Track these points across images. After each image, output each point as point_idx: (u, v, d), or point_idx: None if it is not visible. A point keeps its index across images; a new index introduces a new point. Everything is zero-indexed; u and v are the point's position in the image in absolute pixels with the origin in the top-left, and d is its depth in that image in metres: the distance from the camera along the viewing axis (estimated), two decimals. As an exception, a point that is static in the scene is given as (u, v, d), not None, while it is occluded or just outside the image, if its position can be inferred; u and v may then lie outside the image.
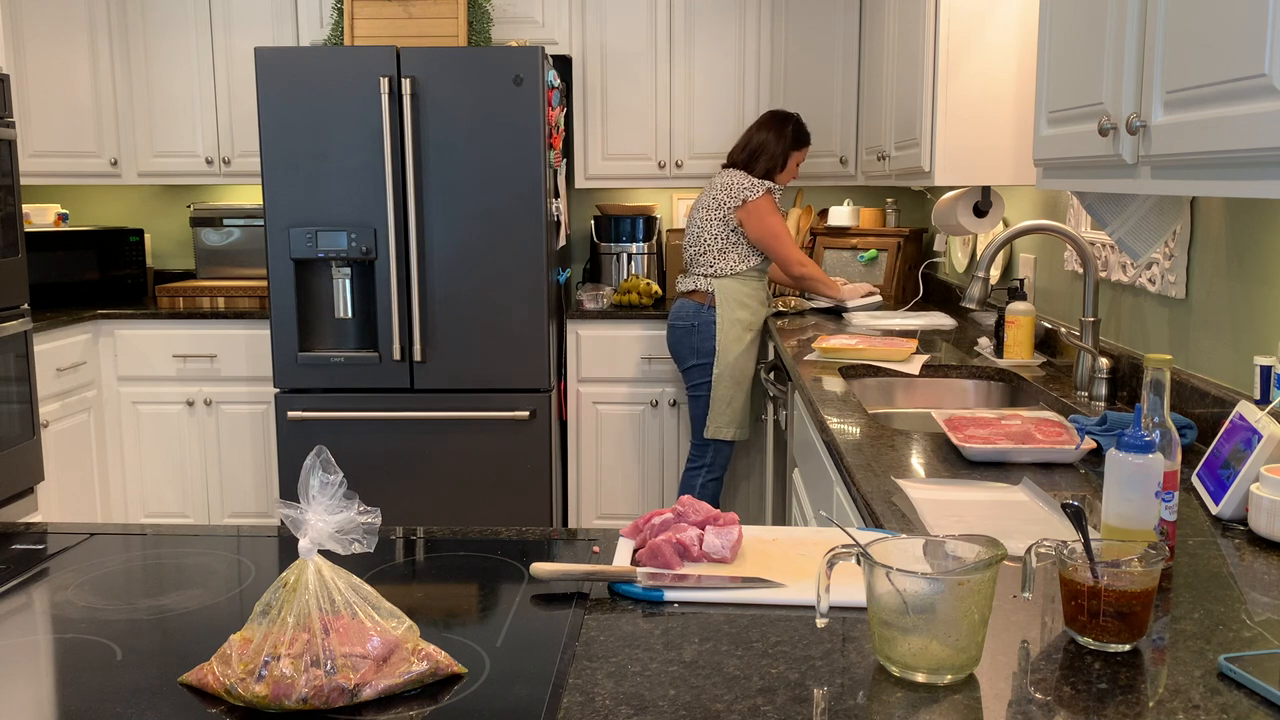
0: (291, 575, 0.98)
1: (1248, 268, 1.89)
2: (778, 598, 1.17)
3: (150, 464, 4.19)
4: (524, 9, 4.19)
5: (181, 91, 4.30)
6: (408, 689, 0.96)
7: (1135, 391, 2.24)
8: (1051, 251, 2.97)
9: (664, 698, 0.95)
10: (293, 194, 3.65)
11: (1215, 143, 1.28)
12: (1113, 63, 1.61)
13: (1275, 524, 1.38)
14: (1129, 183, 1.60)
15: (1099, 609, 1.04)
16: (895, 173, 3.43)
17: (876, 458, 1.84)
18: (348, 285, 3.73)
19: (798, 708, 0.93)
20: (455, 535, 1.43)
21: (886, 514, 1.53)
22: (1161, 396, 1.25)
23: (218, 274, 4.49)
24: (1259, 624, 1.13)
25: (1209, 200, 2.04)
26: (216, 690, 0.95)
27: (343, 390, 3.76)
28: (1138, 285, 2.33)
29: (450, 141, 3.61)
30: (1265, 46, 1.17)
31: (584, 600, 1.18)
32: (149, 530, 1.49)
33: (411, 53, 3.59)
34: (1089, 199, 2.10)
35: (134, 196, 4.78)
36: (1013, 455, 1.78)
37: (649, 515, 1.36)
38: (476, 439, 3.75)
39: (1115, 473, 1.20)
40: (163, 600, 1.20)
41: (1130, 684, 0.98)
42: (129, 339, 4.14)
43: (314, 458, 0.98)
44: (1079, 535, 1.09)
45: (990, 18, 2.86)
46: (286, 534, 1.43)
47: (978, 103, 2.88)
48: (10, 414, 3.52)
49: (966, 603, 0.97)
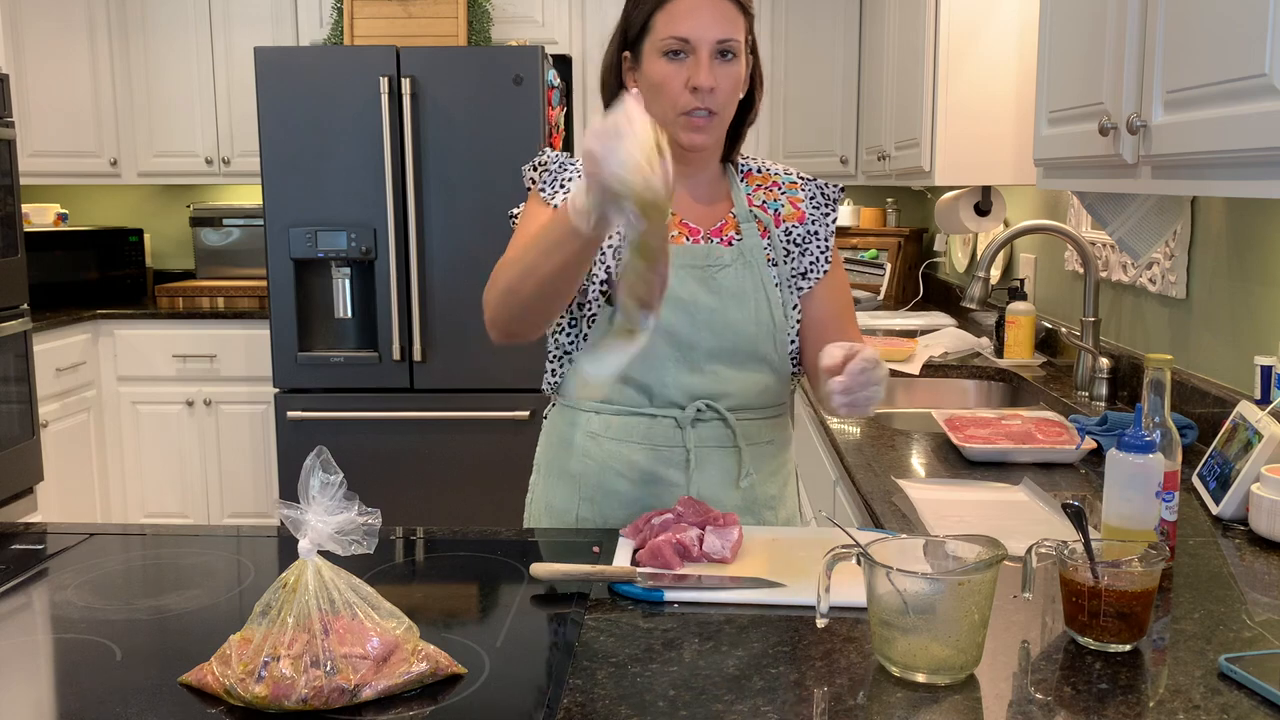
0: (291, 575, 0.98)
1: (1248, 267, 1.89)
2: (778, 598, 1.17)
3: (150, 464, 4.19)
4: (524, 9, 4.19)
5: (181, 91, 4.30)
6: (407, 689, 0.96)
7: (1135, 391, 2.24)
8: (1052, 251, 2.97)
9: (664, 698, 0.95)
10: (292, 194, 3.65)
11: (1215, 143, 1.28)
12: (1113, 62, 1.61)
13: (1275, 524, 1.38)
14: (1129, 183, 1.60)
15: (1099, 609, 1.04)
16: (895, 173, 3.43)
17: (876, 458, 1.84)
18: (347, 285, 3.73)
19: (798, 708, 0.93)
20: (455, 535, 1.43)
21: (886, 514, 1.53)
22: (1162, 396, 1.25)
23: (217, 274, 4.49)
24: (1259, 624, 1.13)
25: (1209, 200, 2.04)
26: (216, 690, 0.95)
27: (342, 390, 3.75)
28: (1138, 285, 2.33)
29: (450, 141, 3.61)
30: (1265, 46, 1.17)
31: (584, 600, 1.18)
32: (148, 530, 1.49)
33: (411, 52, 3.59)
34: (1089, 199, 2.10)
35: (134, 196, 4.78)
36: (1013, 455, 1.78)
37: (649, 515, 1.36)
38: (476, 439, 3.74)
39: (1116, 473, 1.20)
40: (162, 600, 1.20)
41: (1130, 684, 0.98)
42: (129, 339, 4.14)
43: (314, 458, 0.97)
44: (1079, 535, 1.09)
45: (990, 18, 2.86)
46: (286, 534, 1.42)
47: (978, 103, 2.88)
48: (10, 414, 3.52)
49: (967, 603, 0.97)
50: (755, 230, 1.56)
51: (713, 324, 1.49)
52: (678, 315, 1.47)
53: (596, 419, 1.53)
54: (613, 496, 1.52)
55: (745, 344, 1.51)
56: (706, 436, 1.52)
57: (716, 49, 1.44)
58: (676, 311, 1.47)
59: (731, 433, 1.53)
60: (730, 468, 1.54)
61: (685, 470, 1.51)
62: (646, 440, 1.51)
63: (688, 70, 1.44)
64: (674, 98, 1.44)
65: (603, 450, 1.52)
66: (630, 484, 1.52)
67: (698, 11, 1.43)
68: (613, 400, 1.52)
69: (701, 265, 1.51)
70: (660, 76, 1.44)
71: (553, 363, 1.59)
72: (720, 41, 1.44)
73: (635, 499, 1.51)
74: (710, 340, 1.50)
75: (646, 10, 1.46)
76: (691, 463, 1.51)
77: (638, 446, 1.51)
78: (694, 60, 1.43)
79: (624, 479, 1.52)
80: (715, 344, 1.50)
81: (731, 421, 1.52)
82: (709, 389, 1.51)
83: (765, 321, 1.52)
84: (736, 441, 1.53)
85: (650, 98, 1.45)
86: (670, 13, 1.44)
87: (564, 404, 1.58)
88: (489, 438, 3.74)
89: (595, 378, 1.29)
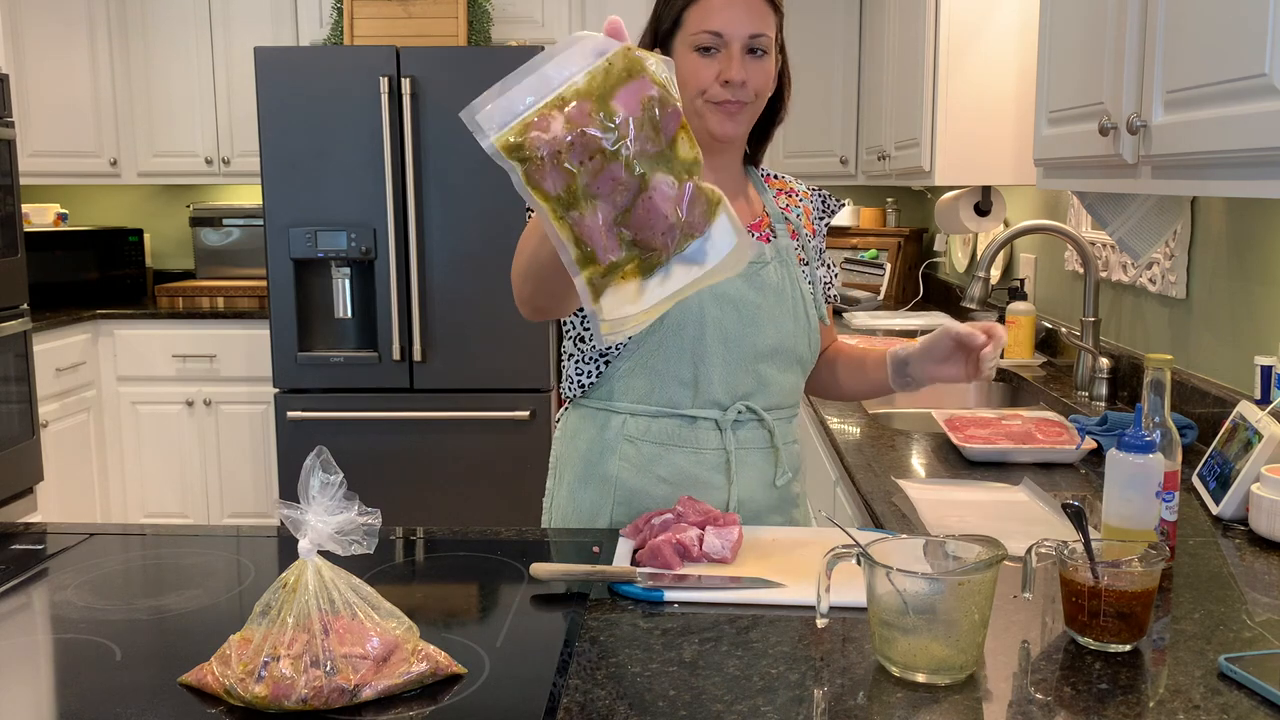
0: (291, 576, 0.98)
1: (1248, 268, 1.89)
2: (778, 598, 1.17)
3: (150, 464, 4.19)
4: (524, 9, 4.19)
5: (181, 91, 4.30)
6: (407, 689, 0.96)
7: (1135, 391, 2.24)
8: (1052, 251, 2.97)
9: (664, 698, 0.95)
10: (292, 194, 3.65)
11: (1216, 143, 1.28)
12: (1113, 62, 1.61)
13: (1275, 524, 1.38)
14: (1129, 183, 1.60)
15: (1099, 609, 1.04)
16: (895, 172, 3.43)
17: (877, 458, 1.84)
18: (347, 285, 3.73)
19: (798, 708, 0.93)
20: (455, 535, 1.43)
21: (887, 514, 1.53)
22: (1162, 396, 1.25)
23: (217, 274, 4.49)
24: (1259, 624, 1.13)
25: (1209, 200, 2.04)
26: (216, 690, 0.95)
27: (342, 390, 3.75)
28: (1138, 285, 2.33)
29: (450, 141, 3.61)
30: (1265, 46, 1.17)
31: (584, 600, 1.18)
32: (148, 530, 1.49)
33: (411, 52, 3.59)
34: (1089, 199, 2.10)
35: (133, 196, 4.78)
36: (1013, 455, 1.78)
37: (649, 515, 1.36)
38: (476, 439, 3.74)
39: (1116, 473, 1.20)
40: (162, 600, 1.20)
41: (1130, 684, 0.98)
42: (128, 339, 4.14)
43: (314, 458, 0.97)
44: (1079, 535, 1.08)
45: (990, 18, 2.86)
46: (286, 534, 1.42)
47: (978, 103, 2.88)
48: (10, 414, 3.52)
49: (967, 603, 0.97)
50: (786, 231, 1.57)
51: (758, 321, 1.50)
52: (725, 311, 1.48)
53: (633, 421, 1.51)
54: (649, 499, 1.51)
55: (788, 341, 1.53)
56: (745, 439, 1.53)
57: (748, 44, 1.45)
58: (724, 307, 1.47)
59: (769, 434, 1.54)
60: (766, 469, 1.55)
61: (724, 472, 1.52)
62: (688, 444, 1.51)
63: (719, 65, 1.44)
64: (708, 91, 1.45)
65: (642, 454, 1.51)
66: (671, 487, 1.51)
67: (730, 7, 1.44)
68: (651, 401, 1.50)
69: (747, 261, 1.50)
70: (692, 70, 1.45)
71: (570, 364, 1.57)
72: (752, 37, 1.44)
73: (672, 501, 1.50)
74: (756, 337, 1.50)
75: (679, 5, 1.46)
76: (732, 464, 1.51)
77: (678, 450, 1.51)
78: (725, 55, 1.44)
79: (665, 483, 1.51)
80: (761, 341, 1.50)
81: (769, 423, 1.53)
82: (750, 388, 1.51)
83: (802, 320, 1.54)
84: (774, 442, 1.55)
85: (684, 91, 1.44)
86: (703, 8, 1.45)
87: (594, 407, 1.55)
88: (489, 438, 3.74)
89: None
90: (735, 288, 1.48)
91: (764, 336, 1.50)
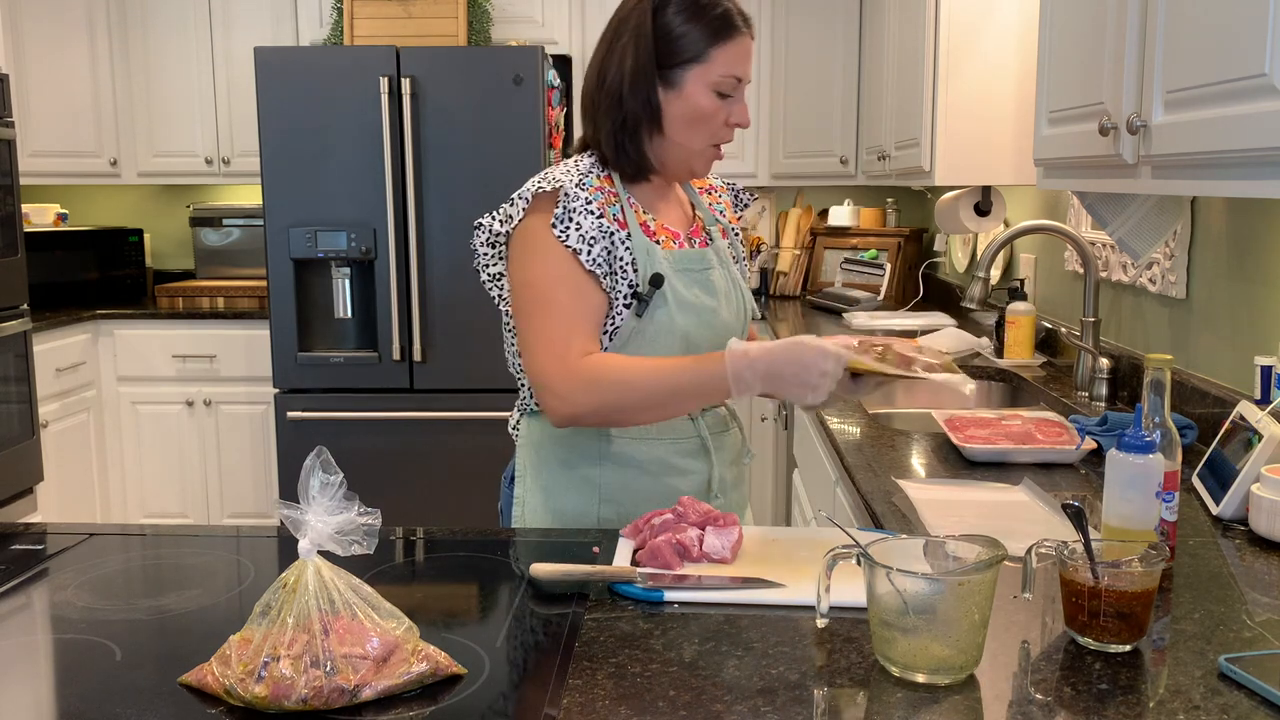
0: (291, 576, 0.98)
1: (1248, 268, 1.89)
2: (778, 598, 1.17)
3: (150, 464, 4.19)
4: (524, 9, 4.19)
5: (181, 91, 4.30)
6: (407, 689, 0.96)
7: (1135, 391, 2.24)
8: (1052, 251, 2.97)
9: (664, 698, 0.95)
10: (292, 194, 3.65)
11: (1215, 143, 1.28)
12: (1113, 62, 1.61)
13: (1275, 524, 1.38)
14: (1129, 183, 1.60)
15: (1099, 609, 1.04)
16: (895, 172, 3.43)
17: (877, 458, 1.84)
18: (347, 285, 3.73)
19: (798, 708, 0.93)
20: (455, 535, 1.43)
21: (886, 514, 1.53)
22: (1162, 396, 1.25)
23: (217, 274, 4.49)
24: (1259, 624, 1.13)
25: (1209, 200, 2.04)
26: (216, 691, 0.95)
27: (342, 390, 3.75)
28: (1138, 285, 2.33)
29: (450, 141, 3.61)
30: (1265, 46, 1.17)
31: (584, 600, 1.18)
32: (148, 530, 1.49)
33: (411, 52, 3.59)
34: (1089, 199, 2.10)
35: (133, 196, 4.78)
36: (1013, 455, 1.78)
37: (649, 515, 1.36)
38: (477, 439, 3.74)
39: (1116, 473, 1.20)
40: (162, 600, 1.20)
41: (1130, 684, 0.98)
42: (128, 339, 4.14)
43: (314, 458, 0.97)
44: (1079, 535, 1.08)
45: (990, 18, 2.86)
46: (286, 534, 1.42)
47: (978, 103, 2.88)
48: (10, 414, 3.52)
49: (966, 603, 0.97)
50: (718, 232, 1.66)
51: (714, 324, 1.58)
52: (687, 318, 1.54)
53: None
54: (634, 493, 1.56)
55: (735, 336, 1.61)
56: (712, 424, 1.63)
57: None
58: (688, 314, 1.54)
59: (730, 413, 1.68)
60: (732, 448, 1.67)
61: (702, 458, 1.60)
62: (665, 435, 1.57)
63: (729, 108, 1.52)
64: (715, 131, 1.53)
65: (623, 451, 1.57)
66: (652, 478, 1.57)
67: (750, 53, 1.53)
68: None
69: (698, 269, 1.59)
70: (710, 110, 1.50)
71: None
72: None
73: (656, 491, 1.56)
74: (712, 338, 1.57)
75: (704, 39, 1.49)
76: (711, 449, 1.60)
77: (657, 441, 1.57)
78: (736, 99, 1.52)
79: (647, 474, 1.57)
80: (717, 342, 1.55)
81: (730, 405, 1.68)
82: None
83: (742, 315, 1.65)
84: (733, 424, 1.68)
85: (688, 125, 1.50)
86: (734, 51, 1.50)
87: None
88: (489, 438, 3.74)
89: None
90: (693, 293, 1.56)
91: (719, 335, 1.57)
